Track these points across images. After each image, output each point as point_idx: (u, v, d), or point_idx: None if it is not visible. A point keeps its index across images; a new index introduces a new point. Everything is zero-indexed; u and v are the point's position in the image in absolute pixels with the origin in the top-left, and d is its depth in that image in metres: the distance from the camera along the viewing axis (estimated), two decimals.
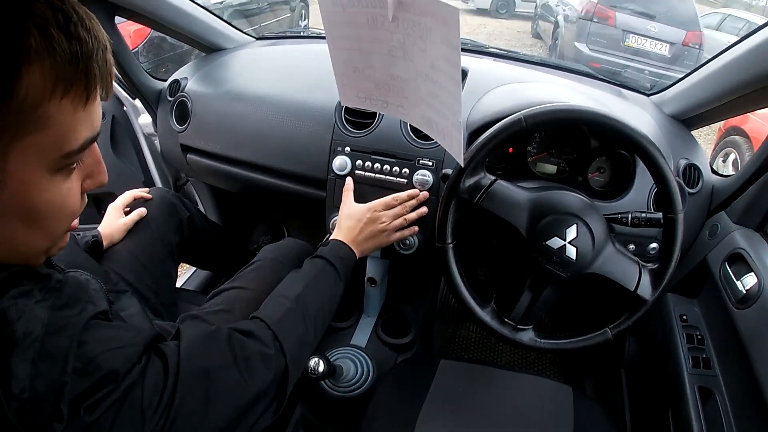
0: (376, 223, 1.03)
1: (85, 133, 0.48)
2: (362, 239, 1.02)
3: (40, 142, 0.45)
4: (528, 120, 0.85)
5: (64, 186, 0.49)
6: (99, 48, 0.47)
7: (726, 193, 1.10)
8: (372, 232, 1.03)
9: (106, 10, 1.22)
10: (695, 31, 5.66)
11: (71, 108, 0.46)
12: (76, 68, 0.45)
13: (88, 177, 0.54)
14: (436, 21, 0.63)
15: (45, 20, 0.42)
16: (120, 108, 1.66)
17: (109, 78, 0.49)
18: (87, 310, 0.52)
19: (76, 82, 0.45)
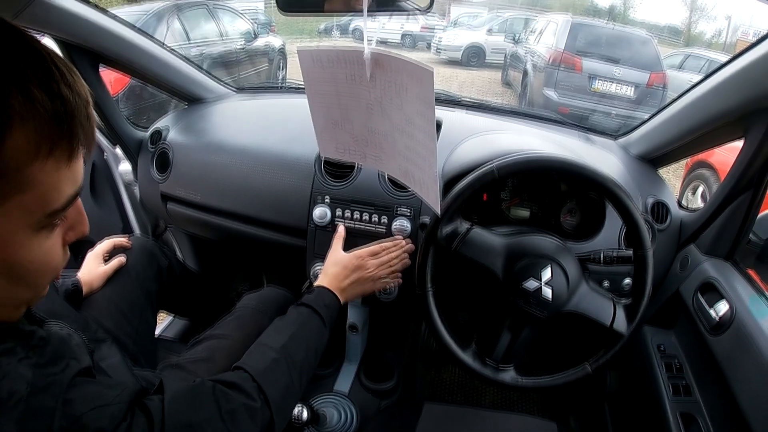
0: (362, 270, 1.05)
1: (68, 190, 0.47)
2: (347, 286, 1.03)
3: (24, 203, 0.44)
4: (500, 170, 0.90)
5: (47, 243, 0.48)
6: (82, 104, 0.46)
7: (694, 226, 1.15)
8: (358, 280, 1.04)
9: (90, 59, 1.26)
10: (659, 72, 5.92)
11: (55, 167, 0.44)
12: (60, 128, 0.44)
13: (70, 229, 0.53)
14: (412, 80, 0.67)
15: (26, 80, 0.41)
16: (100, 155, 1.66)
17: (91, 133, 0.48)
18: (71, 367, 0.51)
19: (59, 141, 0.44)
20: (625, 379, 1.32)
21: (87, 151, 0.48)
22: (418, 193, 0.81)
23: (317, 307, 0.95)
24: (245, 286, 1.82)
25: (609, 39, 6.20)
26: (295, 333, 0.89)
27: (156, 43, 1.39)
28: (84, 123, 0.46)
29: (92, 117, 0.48)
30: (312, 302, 0.96)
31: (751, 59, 0.89)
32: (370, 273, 1.05)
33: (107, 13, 1.22)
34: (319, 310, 0.95)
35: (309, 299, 0.97)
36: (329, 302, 0.99)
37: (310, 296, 0.98)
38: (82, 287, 1.08)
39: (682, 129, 1.13)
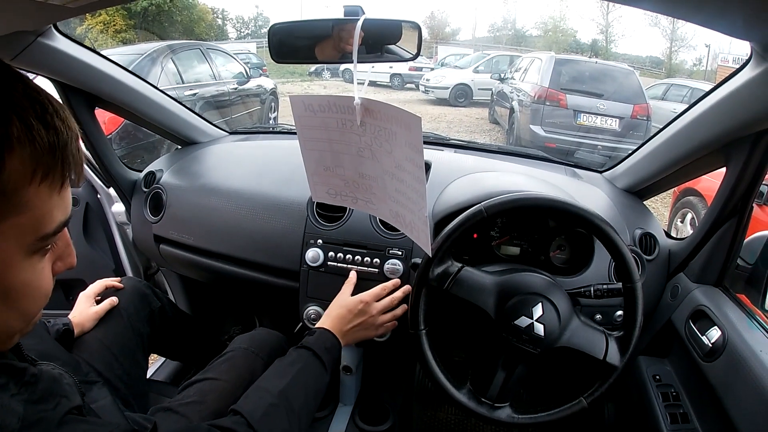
0: (366, 315, 1.05)
1: (59, 216, 0.50)
2: (349, 330, 1.03)
3: (19, 225, 0.46)
4: (488, 210, 0.92)
5: (38, 267, 0.50)
6: (72, 137, 0.49)
7: (682, 255, 1.17)
8: (361, 324, 1.04)
9: (87, 100, 1.29)
10: (642, 104, 6.10)
11: (48, 193, 0.47)
12: (53, 156, 0.47)
13: (58, 259, 0.55)
14: (401, 127, 0.70)
15: (25, 110, 0.45)
16: (94, 196, 1.67)
17: (80, 165, 0.51)
18: (62, 405, 0.52)
19: (53, 169, 0.47)
20: (623, 410, 1.31)
21: (77, 180, 0.51)
22: (409, 235, 0.83)
23: (318, 350, 0.95)
24: (237, 329, 1.80)
25: (592, 74, 6.40)
26: (294, 377, 0.88)
27: (150, 86, 1.42)
28: (74, 154, 0.50)
29: (81, 150, 0.52)
30: (313, 345, 0.95)
31: (727, 91, 0.92)
32: (372, 318, 1.06)
33: (104, 57, 1.25)
34: (319, 354, 0.94)
35: (310, 341, 0.96)
36: (330, 345, 0.98)
37: (311, 338, 0.97)
38: (74, 328, 1.07)
39: (666, 161, 1.17)
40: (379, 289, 1.09)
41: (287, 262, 1.22)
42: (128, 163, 1.54)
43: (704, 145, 1.03)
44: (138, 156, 3.93)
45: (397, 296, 1.10)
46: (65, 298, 1.73)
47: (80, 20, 14.07)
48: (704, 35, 22.56)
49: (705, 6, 0.63)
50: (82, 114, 1.29)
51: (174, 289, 1.74)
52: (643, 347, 1.20)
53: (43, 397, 0.51)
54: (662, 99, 8.51)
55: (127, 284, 1.22)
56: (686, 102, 7.73)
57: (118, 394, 1.03)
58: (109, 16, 14.95)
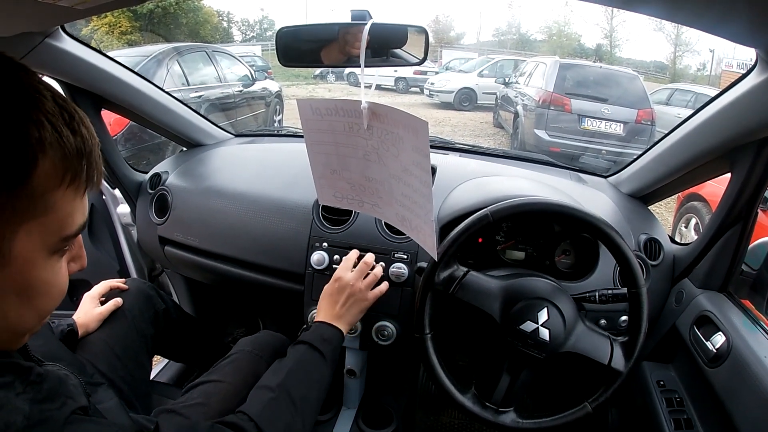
0: (347, 288, 1.04)
1: (80, 219, 0.52)
2: (341, 310, 1.03)
3: (45, 225, 0.48)
4: (494, 215, 0.92)
5: (57, 266, 0.52)
6: (95, 144, 0.52)
7: (687, 261, 1.16)
8: (347, 299, 1.04)
9: (93, 102, 1.30)
10: (646, 109, 6.07)
11: (72, 196, 0.50)
12: (80, 161, 0.49)
13: (72, 260, 0.57)
14: (408, 131, 0.70)
15: (54, 116, 0.47)
16: (99, 197, 1.68)
17: (100, 172, 0.54)
18: (68, 405, 0.52)
19: (80, 173, 0.50)
20: (627, 415, 1.31)
21: (96, 186, 0.54)
22: (415, 238, 0.83)
23: (313, 341, 0.95)
24: (241, 331, 1.80)
25: (597, 78, 6.38)
26: (291, 369, 0.89)
27: (156, 88, 1.43)
28: (97, 161, 0.53)
29: (100, 157, 0.54)
30: (308, 338, 0.96)
31: (732, 97, 0.92)
32: (355, 287, 1.05)
33: (111, 59, 1.26)
34: (315, 344, 0.95)
35: (306, 336, 0.97)
36: (328, 336, 0.98)
37: (307, 333, 0.98)
38: (78, 329, 1.08)
39: (671, 166, 1.17)
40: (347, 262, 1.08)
41: (292, 264, 1.23)
42: (133, 165, 1.55)
43: (709, 150, 1.03)
44: (143, 158, 3.95)
45: (369, 257, 1.10)
46: (69, 299, 1.73)
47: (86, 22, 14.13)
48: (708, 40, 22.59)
49: (708, 12, 0.63)
50: (89, 116, 1.28)
51: (178, 290, 1.74)
52: (648, 353, 1.20)
53: (49, 397, 0.51)
54: (666, 104, 8.50)
55: (132, 285, 1.22)
56: (690, 107, 7.73)
57: (121, 395, 1.03)
58: (114, 18, 15.02)
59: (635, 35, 41.56)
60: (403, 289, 1.15)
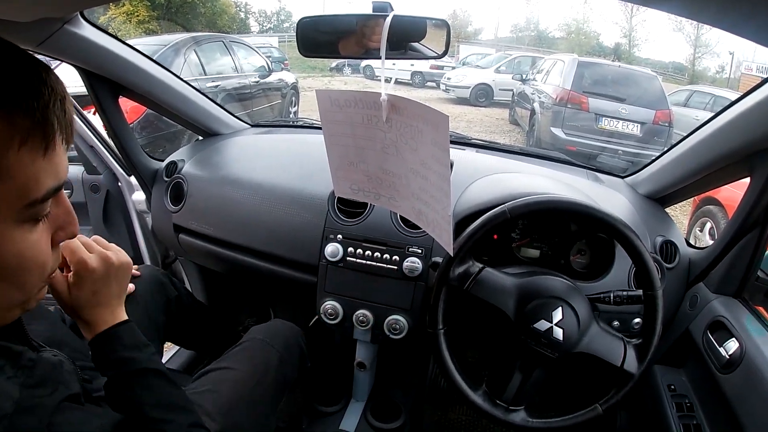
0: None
1: (48, 182, 0.48)
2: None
3: (2, 193, 0.44)
4: (512, 212, 0.91)
5: (31, 237, 0.49)
6: (56, 99, 0.47)
7: (702, 265, 1.15)
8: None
9: (111, 89, 1.30)
10: (664, 110, 5.99)
11: (30, 158, 0.45)
12: (33, 118, 0.45)
13: (59, 229, 0.53)
14: (427, 125, 0.69)
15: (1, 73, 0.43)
16: (115, 183, 1.70)
17: (69, 127, 0.50)
18: (59, 392, 0.52)
19: (33, 133, 0.45)
20: (636, 419, 1.30)
21: (67, 144, 0.50)
22: (430, 233, 0.82)
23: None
24: (252, 320, 1.81)
25: (615, 78, 6.32)
26: None
27: (174, 76, 1.43)
28: (59, 116, 0.48)
29: (69, 111, 0.50)
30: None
31: (754, 101, 0.91)
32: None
33: (129, 46, 1.26)
34: None
35: None
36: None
37: None
38: None
39: (689, 168, 1.15)
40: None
41: (306, 255, 1.23)
42: (150, 153, 1.56)
43: (729, 154, 1.01)
44: (159, 146, 3.98)
45: None
46: None
47: (104, 10, 14.23)
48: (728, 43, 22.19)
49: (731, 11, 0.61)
50: (105, 102, 1.31)
51: (191, 278, 1.75)
52: (659, 356, 1.19)
53: (40, 383, 0.51)
54: (685, 105, 8.38)
55: (145, 272, 1.23)
56: (709, 109, 7.62)
57: None
58: (132, 7, 15.09)
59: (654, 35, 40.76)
60: (416, 284, 1.15)
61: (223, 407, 0.96)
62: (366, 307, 1.18)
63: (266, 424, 1.03)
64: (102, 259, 0.73)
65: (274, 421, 1.08)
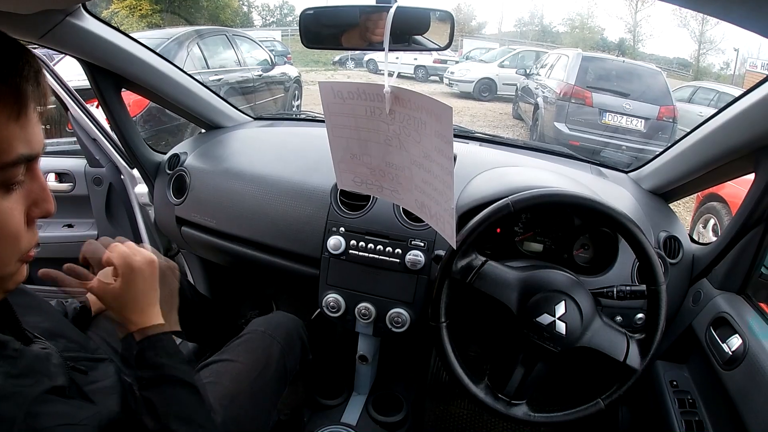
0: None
1: (19, 148, 0.48)
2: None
3: None
4: (515, 205, 0.90)
5: (3, 204, 0.49)
6: (30, 69, 0.49)
7: (706, 261, 1.15)
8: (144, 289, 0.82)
9: (113, 81, 1.30)
10: (668, 106, 5.96)
11: (2, 121, 0.46)
12: (5, 83, 0.46)
13: (33, 205, 0.53)
14: (431, 117, 0.69)
15: None
16: (118, 176, 1.70)
17: (43, 98, 0.51)
18: (41, 383, 0.52)
19: (4, 97, 0.46)
20: (637, 414, 1.30)
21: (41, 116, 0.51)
22: (433, 226, 0.82)
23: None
24: (254, 313, 1.82)
25: (619, 73, 6.27)
26: None
27: (177, 69, 1.43)
28: (33, 85, 0.49)
29: (43, 84, 0.51)
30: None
31: (758, 96, 0.90)
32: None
33: (132, 38, 1.26)
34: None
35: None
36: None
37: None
38: (91, 306, 1.08)
39: (694, 164, 1.15)
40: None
41: (309, 248, 1.23)
42: (152, 146, 1.56)
43: (734, 149, 1.01)
44: (162, 139, 3.97)
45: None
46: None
47: (106, 4, 14.19)
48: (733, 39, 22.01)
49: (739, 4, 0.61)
50: (108, 95, 1.30)
51: (193, 271, 1.76)
52: (662, 352, 1.19)
53: (24, 373, 0.51)
54: (689, 102, 8.34)
55: None
56: (713, 106, 7.58)
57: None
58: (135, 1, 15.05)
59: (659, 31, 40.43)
60: (419, 277, 1.15)
61: (225, 399, 0.96)
62: (368, 300, 1.19)
63: (268, 416, 1.03)
64: (148, 262, 0.77)
65: (275, 413, 1.08)
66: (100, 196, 1.73)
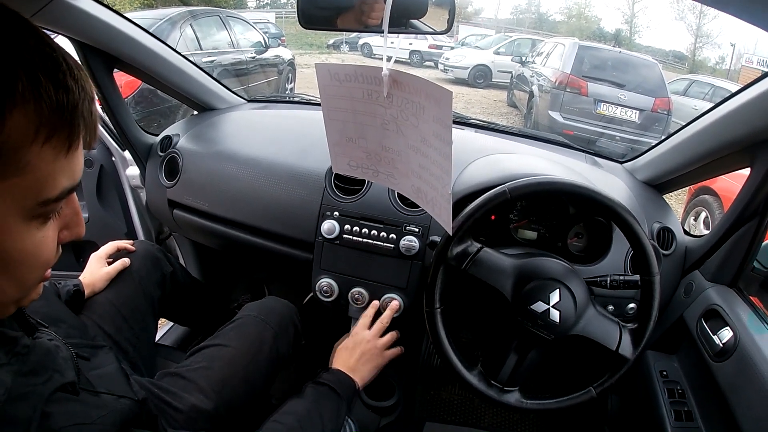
0: (363, 343, 1.07)
1: (64, 182, 0.46)
2: (357, 364, 1.04)
3: (18, 187, 0.43)
4: (512, 192, 0.90)
5: (38, 234, 0.47)
6: (85, 98, 0.46)
7: (699, 253, 1.15)
8: (363, 355, 1.06)
9: (105, 61, 1.27)
10: (663, 98, 5.98)
11: (52, 155, 0.44)
12: (61, 116, 0.44)
13: (65, 228, 0.52)
14: (429, 101, 0.68)
15: (34, 65, 0.42)
16: (109, 158, 1.67)
17: (93, 129, 0.49)
18: (53, 380, 0.51)
19: (59, 130, 0.44)
20: (627, 403, 1.31)
21: (88, 147, 0.48)
22: (429, 211, 0.81)
23: (335, 385, 0.96)
24: (247, 297, 1.81)
25: (615, 63, 6.29)
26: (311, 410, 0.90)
27: (170, 49, 1.40)
28: (86, 117, 0.46)
29: (95, 113, 0.49)
30: (330, 381, 0.97)
31: (758, 91, 0.90)
32: (371, 343, 1.08)
33: (124, 17, 1.23)
34: (336, 388, 0.96)
35: (326, 378, 0.98)
36: (346, 382, 0.99)
37: (327, 375, 0.99)
38: (84, 289, 1.08)
39: (689, 156, 1.15)
40: (365, 319, 1.12)
41: (302, 232, 1.22)
42: (144, 127, 1.53)
43: (731, 143, 1.01)
44: (154, 120, 3.93)
45: (386, 316, 1.12)
46: (76, 260, 1.75)
47: None
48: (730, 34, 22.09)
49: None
50: (100, 75, 1.28)
51: (185, 255, 1.75)
52: (653, 342, 1.20)
53: (34, 370, 0.50)
54: (684, 95, 8.37)
55: (140, 247, 1.22)
56: (708, 99, 7.62)
57: (126, 356, 1.03)
58: None
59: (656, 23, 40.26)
60: (412, 263, 1.15)
61: (217, 384, 0.96)
62: (362, 285, 1.18)
63: (260, 401, 1.04)
64: None
65: (268, 398, 1.08)
66: (91, 178, 1.70)
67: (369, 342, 1.07)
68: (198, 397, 0.94)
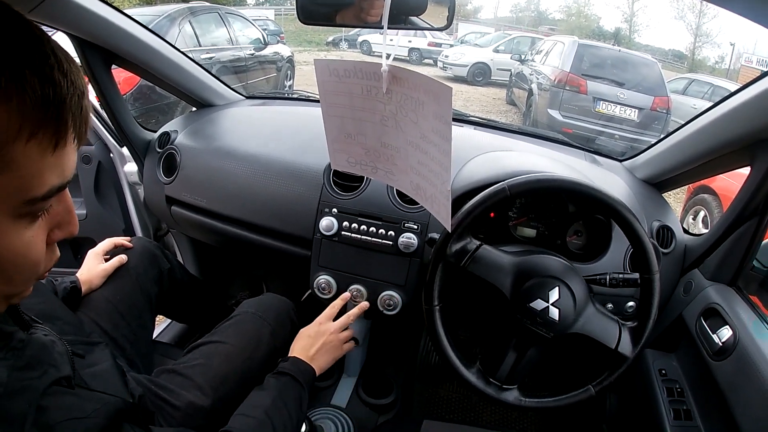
0: (324, 335, 1.07)
1: (52, 180, 0.44)
2: (315, 354, 1.04)
3: (2, 186, 0.41)
4: (512, 189, 0.90)
5: (26, 234, 0.45)
6: (74, 94, 0.44)
7: (698, 252, 1.15)
8: (323, 346, 1.06)
9: (103, 57, 1.26)
10: (662, 97, 5.98)
11: (38, 153, 0.42)
12: (47, 112, 0.42)
13: (57, 226, 0.50)
14: (429, 97, 0.68)
15: (19, 60, 0.40)
16: (107, 154, 1.67)
17: (84, 125, 0.46)
18: (48, 374, 0.50)
19: (44, 126, 0.42)
20: (626, 402, 1.31)
21: (78, 143, 0.47)
22: (428, 208, 0.81)
23: (296, 374, 0.96)
24: (244, 294, 1.81)
25: (614, 62, 6.27)
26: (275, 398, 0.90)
27: (169, 45, 1.40)
28: (75, 113, 0.44)
29: (86, 109, 0.46)
30: (290, 370, 0.97)
31: (758, 90, 0.90)
32: (332, 336, 1.07)
33: (123, 13, 1.23)
34: (297, 377, 0.96)
35: (286, 367, 0.98)
36: (304, 369, 0.99)
37: (286, 365, 0.99)
38: (81, 286, 1.07)
39: (689, 155, 1.14)
40: (332, 310, 1.12)
41: (300, 229, 1.21)
42: (142, 124, 1.53)
43: (731, 141, 1.01)
44: (152, 117, 3.92)
45: (353, 313, 1.12)
46: (74, 257, 1.74)
47: None
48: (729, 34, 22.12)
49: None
50: (98, 71, 1.27)
51: (183, 251, 1.74)
52: (652, 341, 1.19)
53: (30, 364, 0.49)
54: (683, 94, 8.38)
55: (137, 244, 1.21)
56: (707, 99, 7.63)
57: (123, 353, 1.03)
58: None
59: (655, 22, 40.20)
60: (411, 260, 1.14)
61: (215, 381, 0.96)
62: (360, 282, 1.18)
63: None
64: None
65: None
66: (89, 174, 1.69)
67: (332, 334, 1.07)
68: (195, 393, 0.93)
